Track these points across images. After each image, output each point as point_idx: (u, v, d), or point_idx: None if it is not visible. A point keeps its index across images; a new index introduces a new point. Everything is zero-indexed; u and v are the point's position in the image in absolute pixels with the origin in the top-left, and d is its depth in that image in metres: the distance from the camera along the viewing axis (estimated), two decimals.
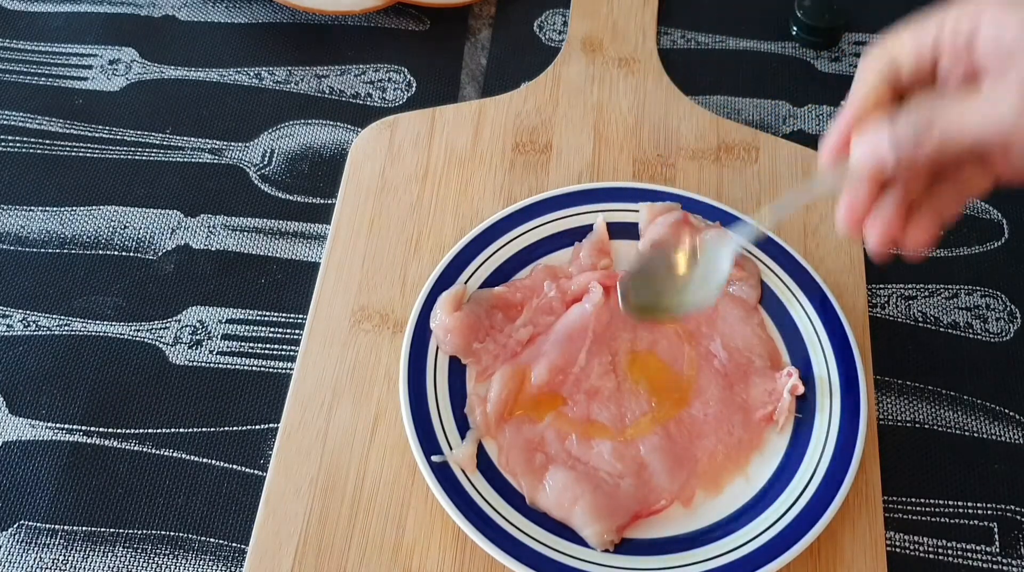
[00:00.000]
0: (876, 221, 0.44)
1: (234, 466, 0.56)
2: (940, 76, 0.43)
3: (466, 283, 0.58)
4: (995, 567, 0.53)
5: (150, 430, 0.57)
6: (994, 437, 0.57)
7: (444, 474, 0.52)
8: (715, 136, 0.67)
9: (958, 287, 0.63)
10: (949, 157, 0.41)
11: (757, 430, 0.55)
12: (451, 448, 0.53)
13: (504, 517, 0.51)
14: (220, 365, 0.59)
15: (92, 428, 0.57)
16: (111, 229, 0.65)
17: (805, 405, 0.55)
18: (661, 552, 0.51)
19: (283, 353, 0.60)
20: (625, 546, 0.51)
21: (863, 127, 0.42)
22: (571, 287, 0.58)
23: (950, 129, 0.40)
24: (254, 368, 0.59)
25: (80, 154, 0.68)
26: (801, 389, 0.54)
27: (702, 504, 0.53)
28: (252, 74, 0.72)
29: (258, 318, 0.61)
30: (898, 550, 0.54)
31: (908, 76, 0.43)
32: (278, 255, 0.64)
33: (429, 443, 0.52)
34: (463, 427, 0.54)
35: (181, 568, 0.53)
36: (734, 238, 0.52)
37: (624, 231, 0.61)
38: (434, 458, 0.52)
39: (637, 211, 0.61)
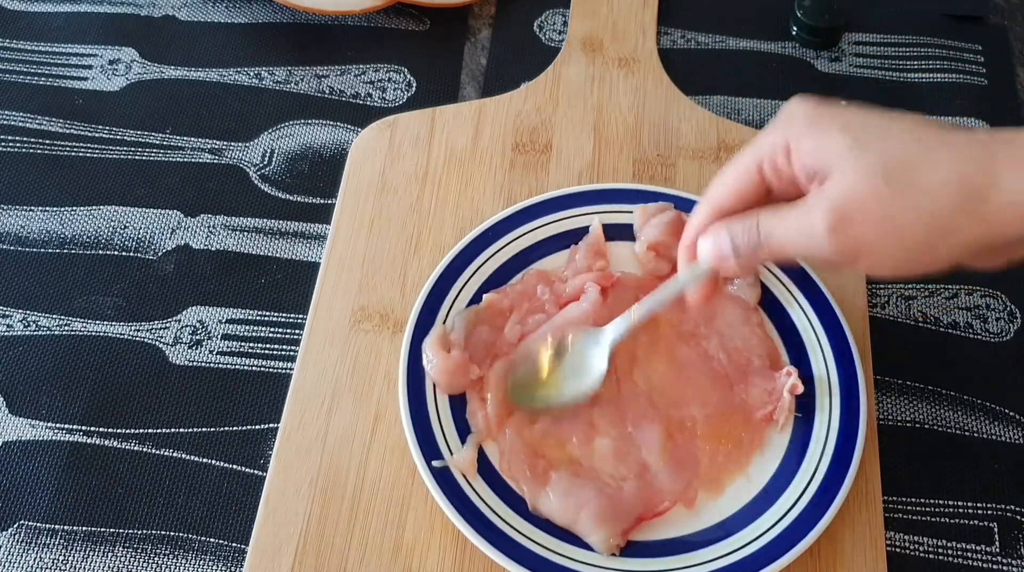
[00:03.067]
0: None
1: (234, 466, 0.56)
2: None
3: (464, 285, 0.58)
4: (995, 567, 0.53)
5: (150, 430, 0.57)
6: (994, 437, 0.57)
7: (445, 478, 0.51)
8: (715, 136, 0.67)
9: (958, 287, 0.63)
10: (785, 260, 0.45)
11: (758, 430, 0.55)
12: (451, 452, 0.53)
13: (506, 521, 0.51)
14: (220, 365, 0.59)
15: (92, 428, 0.57)
16: (111, 229, 0.65)
17: (805, 405, 0.55)
18: (664, 554, 0.51)
19: (283, 353, 0.60)
20: (628, 549, 0.51)
21: (709, 230, 0.47)
22: (566, 290, 0.58)
23: (772, 244, 0.44)
24: (254, 368, 0.59)
25: (80, 154, 0.68)
26: (800, 388, 0.54)
27: (704, 505, 0.53)
28: (252, 74, 0.72)
29: (258, 318, 0.61)
30: (898, 550, 0.54)
31: (759, 186, 0.46)
32: (278, 255, 0.64)
33: (429, 447, 0.52)
34: (463, 431, 0.54)
35: (181, 568, 0.53)
36: (608, 334, 0.54)
37: (624, 232, 0.61)
38: (435, 463, 0.52)
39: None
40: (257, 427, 0.57)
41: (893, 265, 0.42)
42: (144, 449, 0.56)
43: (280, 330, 0.61)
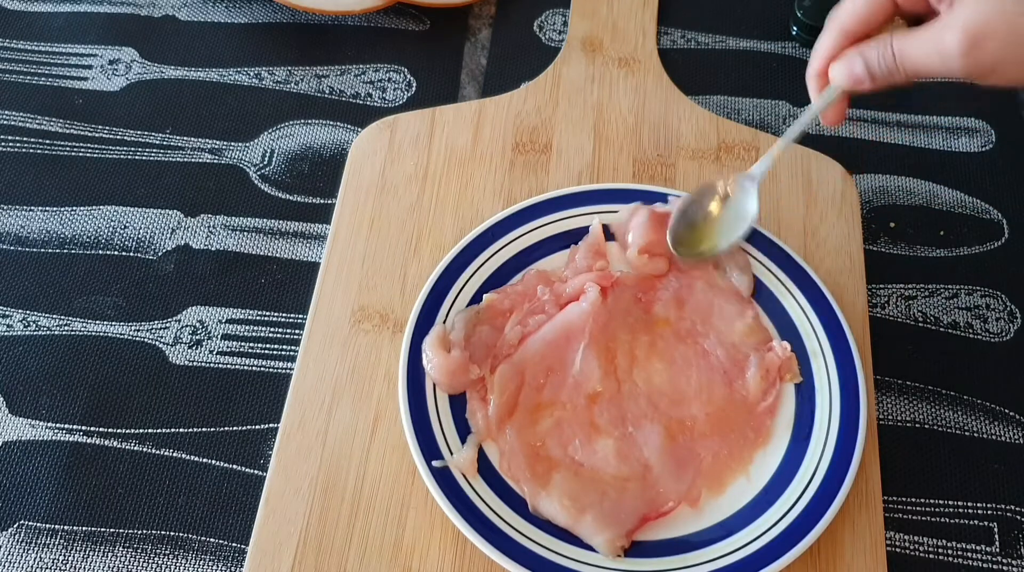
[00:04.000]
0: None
1: (234, 466, 0.56)
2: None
3: (464, 285, 0.58)
4: (995, 567, 0.53)
5: (150, 430, 0.57)
6: (994, 437, 0.57)
7: (445, 478, 0.51)
8: (715, 136, 0.67)
9: (958, 287, 0.63)
10: (919, 78, 0.47)
11: (760, 425, 0.55)
12: (451, 452, 0.53)
13: (506, 522, 0.51)
14: (220, 365, 0.59)
15: (92, 428, 0.57)
16: (111, 229, 0.65)
17: (805, 405, 0.55)
18: (664, 554, 0.51)
19: (283, 353, 0.60)
20: (629, 549, 0.51)
21: (840, 56, 0.49)
22: (566, 289, 0.58)
23: (908, 66, 0.46)
24: (254, 368, 0.59)
25: (80, 154, 0.68)
26: (788, 348, 0.56)
27: (704, 505, 0.53)
28: (252, 74, 0.72)
29: (258, 318, 0.61)
30: (898, 550, 0.54)
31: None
32: (278, 255, 0.64)
33: (429, 447, 0.52)
34: (463, 431, 0.54)
35: (181, 568, 0.53)
36: (756, 175, 0.56)
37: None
38: (435, 463, 0.52)
39: (667, 204, 0.61)
40: (257, 427, 0.57)
41: (1018, 78, 0.44)
42: (144, 449, 0.56)
43: (280, 330, 0.61)
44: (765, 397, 0.55)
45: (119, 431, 0.57)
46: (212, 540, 0.54)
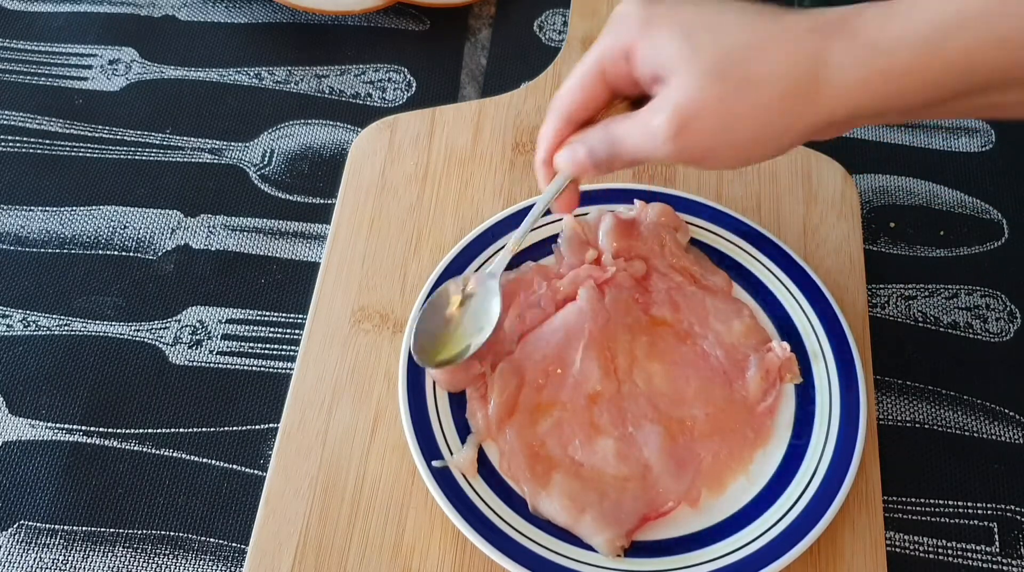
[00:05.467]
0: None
1: (234, 466, 0.56)
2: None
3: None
4: (995, 567, 0.53)
5: (150, 430, 0.57)
6: (994, 437, 0.57)
7: (445, 479, 0.51)
8: None
9: (958, 287, 0.63)
10: (639, 163, 0.46)
11: (760, 425, 0.55)
12: (451, 452, 0.53)
13: (506, 521, 0.51)
14: (220, 365, 0.59)
15: (92, 428, 0.57)
16: (111, 229, 0.65)
17: (805, 405, 0.55)
18: (664, 554, 0.51)
19: (283, 353, 0.60)
20: (629, 549, 0.51)
21: (565, 144, 0.47)
22: (560, 286, 0.58)
23: (623, 152, 0.44)
24: (254, 368, 0.59)
25: (80, 154, 0.68)
26: (788, 348, 0.55)
27: (704, 505, 0.53)
28: (252, 74, 0.72)
29: (258, 318, 0.61)
30: (898, 550, 0.54)
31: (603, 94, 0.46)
32: (278, 255, 0.64)
33: (429, 447, 0.52)
34: (463, 431, 0.54)
35: (181, 568, 0.53)
36: (496, 273, 0.54)
37: None
38: (435, 463, 0.52)
39: (632, 209, 0.61)
40: (257, 427, 0.57)
41: (735, 159, 0.43)
42: (144, 449, 0.56)
43: (280, 330, 0.61)
44: (765, 397, 0.55)
45: (119, 431, 0.57)
46: (212, 540, 0.54)
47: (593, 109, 0.46)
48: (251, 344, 0.60)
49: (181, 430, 0.57)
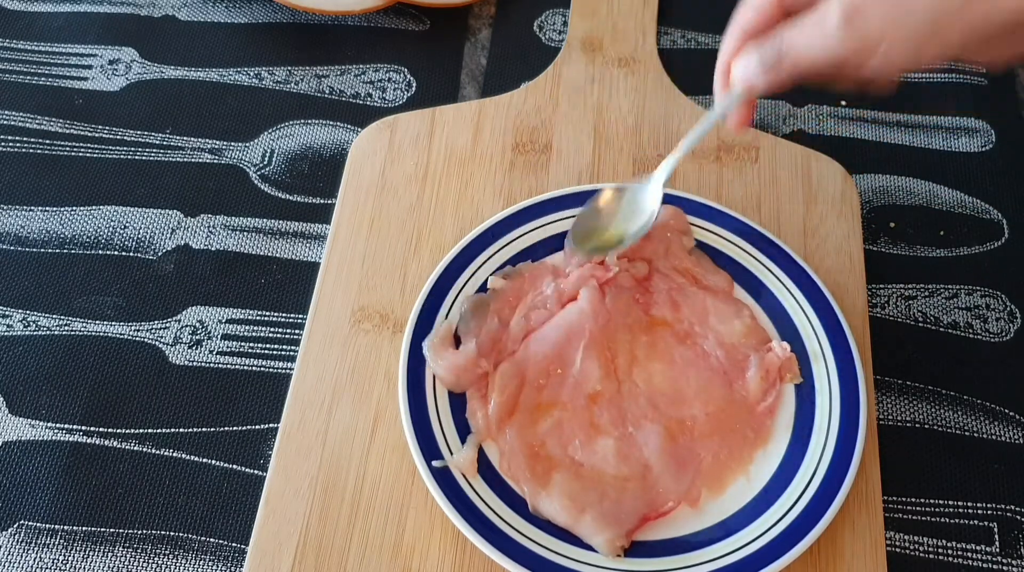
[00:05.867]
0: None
1: (234, 466, 0.56)
2: None
3: (464, 286, 0.58)
4: (995, 567, 0.53)
5: (150, 430, 0.57)
6: (994, 437, 0.57)
7: (445, 478, 0.52)
8: (715, 136, 0.67)
9: (958, 287, 0.63)
10: (810, 75, 0.45)
11: (760, 425, 0.55)
12: (451, 452, 0.53)
13: (506, 521, 0.51)
14: (220, 365, 0.59)
15: (92, 428, 0.57)
16: (111, 229, 0.65)
17: (805, 405, 0.55)
18: (664, 554, 0.51)
19: (283, 353, 0.60)
20: (629, 549, 0.51)
21: (738, 54, 0.48)
22: (565, 286, 0.58)
23: (792, 54, 0.45)
24: (254, 368, 0.59)
25: (80, 154, 0.68)
26: (788, 348, 0.56)
27: (704, 505, 0.53)
28: (252, 74, 0.72)
29: (258, 318, 0.61)
30: (898, 550, 0.54)
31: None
32: (278, 255, 0.64)
33: (429, 447, 0.52)
34: (463, 430, 0.54)
35: (181, 568, 0.53)
36: (659, 176, 0.56)
37: None
38: (435, 463, 0.52)
39: None
40: (257, 427, 0.57)
41: (907, 52, 0.42)
42: (144, 449, 0.56)
43: (280, 330, 0.61)
44: (765, 397, 0.55)
45: (119, 431, 0.57)
46: (212, 540, 0.54)
47: (769, 21, 0.47)
48: (251, 344, 0.60)
49: (181, 430, 0.57)
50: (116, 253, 0.64)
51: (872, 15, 0.41)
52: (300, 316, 0.61)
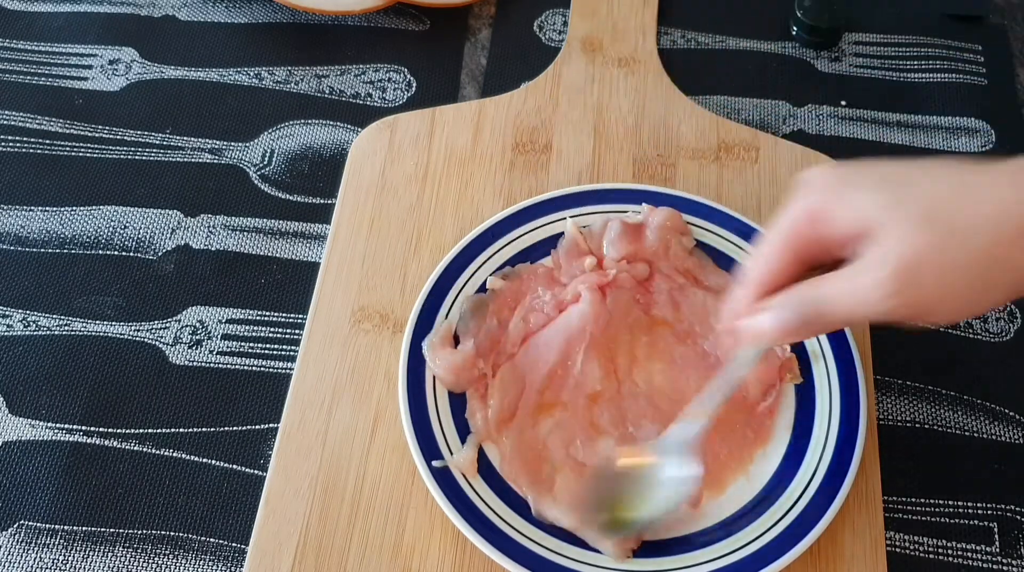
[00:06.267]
0: None
1: (234, 466, 0.56)
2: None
3: (464, 286, 0.58)
4: (995, 567, 0.53)
5: (150, 430, 0.57)
6: (994, 437, 0.57)
7: (445, 478, 0.51)
8: (715, 136, 0.67)
9: None
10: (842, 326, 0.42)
11: (760, 427, 0.55)
12: (451, 452, 0.53)
13: (506, 521, 0.51)
14: (220, 365, 0.59)
15: (92, 428, 0.57)
16: (111, 229, 0.65)
17: (805, 405, 0.55)
18: (665, 554, 0.51)
19: (283, 353, 0.60)
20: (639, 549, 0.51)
21: (759, 311, 0.44)
22: (565, 295, 0.58)
23: (833, 313, 0.41)
24: (254, 368, 0.59)
25: (80, 154, 0.68)
26: (788, 348, 0.55)
27: (705, 505, 0.53)
28: (252, 74, 0.72)
29: (258, 318, 0.61)
30: (898, 550, 0.54)
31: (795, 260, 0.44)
32: (278, 255, 0.64)
33: (429, 447, 0.52)
34: (463, 431, 0.54)
35: (181, 568, 0.53)
36: (688, 439, 0.49)
37: None
38: (435, 463, 0.52)
39: (639, 213, 0.61)
40: (257, 427, 0.57)
41: (959, 311, 0.40)
42: (144, 449, 0.56)
43: (280, 330, 0.61)
44: (765, 398, 0.55)
45: (119, 431, 0.57)
46: (212, 540, 0.54)
47: (785, 279, 0.44)
48: (251, 344, 0.60)
49: (181, 430, 0.57)
50: (116, 253, 0.64)
51: (921, 286, 0.39)
52: (300, 316, 0.61)
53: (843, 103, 0.71)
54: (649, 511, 0.50)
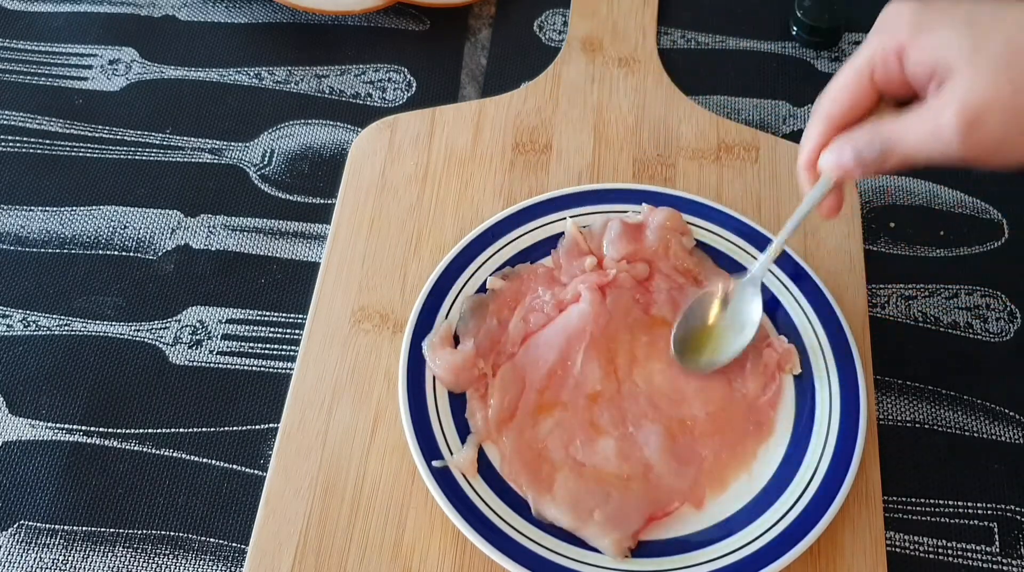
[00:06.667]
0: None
1: (234, 466, 0.56)
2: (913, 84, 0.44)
3: (464, 286, 0.58)
4: (995, 567, 0.53)
5: (150, 430, 0.57)
6: (994, 437, 0.57)
7: (445, 478, 0.51)
8: (715, 136, 0.67)
9: (958, 287, 0.63)
10: (912, 166, 0.44)
11: (761, 420, 0.55)
12: (451, 452, 0.53)
13: (507, 522, 0.51)
14: (220, 365, 0.59)
15: (92, 428, 0.57)
16: (111, 229, 0.65)
17: (805, 405, 0.55)
18: (665, 554, 0.51)
19: (283, 353, 0.60)
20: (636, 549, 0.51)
21: (831, 145, 0.46)
22: (564, 296, 0.58)
23: (900, 151, 0.43)
24: (254, 368, 0.59)
25: (80, 154, 0.68)
26: (786, 341, 0.56)
27: (708, 503, 0.53)
28: (252, 74, 0.72)
29: (258, 318, 0.61)
30: (898, 550, 0.54)
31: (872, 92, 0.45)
32: (278, 255, 0.64)
33: (429, 447, 0.52)
34: (463, 431, 0.54)
35: (181, 568, 0.53)
36: (756, 277, 0.56)
37: None
38: (435, 463, 0.52)
39: (639, 213, 0.61)
40: (257, 427, 0.57)
41: (1021, 159, 0.41)
42: (144, 449, 0.56)
43: (280, 330, 0.61)
44: (765, 391, 0.55)
45: (119, 431, 0.57)
46: (212, 540, 0.54)
47: (859, 112, 0.45)
48: (251, 344, 0.60)
49: (181, 430, 0.57)
50: (116, 253, 0.64)
51: (991, 127, 0.40)
52: (300, 316, 0.61)
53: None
54: (721, 348, 0.56)
